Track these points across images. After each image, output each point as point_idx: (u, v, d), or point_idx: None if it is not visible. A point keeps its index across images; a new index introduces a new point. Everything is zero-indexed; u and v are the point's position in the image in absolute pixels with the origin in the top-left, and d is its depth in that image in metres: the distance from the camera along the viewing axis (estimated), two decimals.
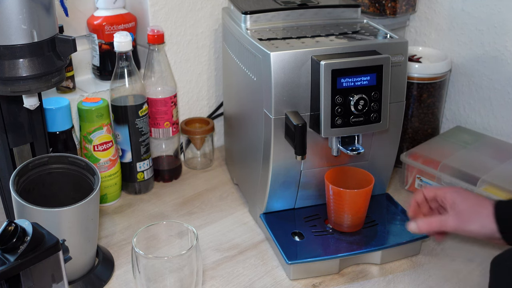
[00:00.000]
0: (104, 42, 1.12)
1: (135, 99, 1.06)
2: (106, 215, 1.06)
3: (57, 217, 0.78)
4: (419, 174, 1.11)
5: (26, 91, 0.76)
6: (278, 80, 0.86)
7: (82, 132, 1.05)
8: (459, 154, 1.11)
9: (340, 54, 0.86)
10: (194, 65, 1.23)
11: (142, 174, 1.12)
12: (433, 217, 0.84)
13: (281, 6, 1.00)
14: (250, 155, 1.01)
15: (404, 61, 0.91)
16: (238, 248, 0.97)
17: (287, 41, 0.91)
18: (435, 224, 0.83)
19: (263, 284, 0.88)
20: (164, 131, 1.15)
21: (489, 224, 0.79)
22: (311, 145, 0.92)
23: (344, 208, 0.92)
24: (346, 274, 0.91)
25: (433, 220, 0.83)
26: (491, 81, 1.20)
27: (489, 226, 0.79)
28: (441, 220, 0.82)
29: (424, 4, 1.28)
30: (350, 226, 0.94)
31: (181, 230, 0.79)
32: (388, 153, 1.00)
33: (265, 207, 0.99)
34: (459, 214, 0.81)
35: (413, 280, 0.89)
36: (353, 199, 0.91)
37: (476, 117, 1.25)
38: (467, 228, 0.81)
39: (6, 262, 0.64)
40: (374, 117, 0.86)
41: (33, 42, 0.74)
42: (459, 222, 0.81)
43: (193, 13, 1.19)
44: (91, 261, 0.88)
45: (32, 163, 0.84)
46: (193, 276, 0.75)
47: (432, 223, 0.83)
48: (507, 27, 1.15)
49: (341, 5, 1.02)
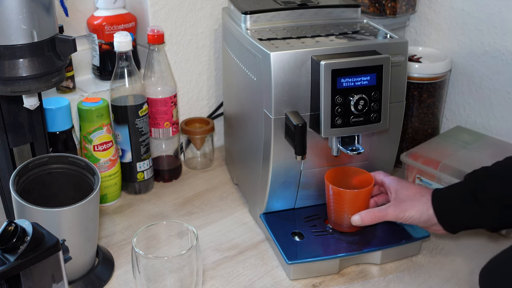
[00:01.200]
0: (104, 42, 1.12)
1: (135, 99, 1.06)
2: (106, 215, 1.06)
3: (57, 217, 0.78)
4: (419, 174, 1.11)
5: (26, 91, 0.76)
6: (278, 80, 0.86)
7: (82, 132, 1.05)
8: (459, 154, 1.11)
9: (340, 54, 0.86)
10: (194, 65, 1.23)
11: (142, 174, 1.12)
12: (375, 209, 0.89)
13: (281, 6, 1.00)
14: (250, 155, 1.01)
15: (404, 61, 0.91)
16: (238, 248, 0.97)
17: (287, 41, 0.91)
18: (377, 215, 0.88)
19: (263, 284, 0.88)
20: (164, 131, 1.15)
21: (426, 211, 0.85)
22: (311, 145, 0.92)
23: (344, 208, 0.92)
24: (346, 274, 0.91)
25: (375, 211, 0.89)
26: (491, 81, 1.20)
27: (426, 213, 0.85)
28: (382, 210, 0.88)
29: (424, 4, 1.28)
30: (350, 226, 0.94)
31: (181, 230, 0.79)
32: (388, 153, 1.00)
33: (265, 207, 0.99)
34: (399, 203, 0.88)
35: (413, 280, 0.89)
36: (353, 199, 0.91)
37: (476, 117, 1.25)
38: (406, 215, 0.86)
39: (6, 262, 0.64)
40: (374, 117, 0.86)
41: (33, 42, 0.74)
42: (399, 210, 0.87)
43: (193, 13, 1.19)
44: (91, 261, 0.88)
45: (32, 163, 0.84)
46: (193, 276, 0.75)
47: (375, 214, 0.88)
48: (507, 27, 1.15)
49: (341, 5, 1.02)
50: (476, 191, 0.83)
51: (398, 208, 0.87)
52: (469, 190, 0.84)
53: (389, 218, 0.88)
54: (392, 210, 0.87)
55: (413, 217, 0.86)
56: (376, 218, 0.88)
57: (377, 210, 0.89)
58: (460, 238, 0.98)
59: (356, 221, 0.89)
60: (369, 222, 0.89)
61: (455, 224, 0.85)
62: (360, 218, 0.89)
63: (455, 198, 0.85)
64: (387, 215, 0.88)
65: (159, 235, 0.80)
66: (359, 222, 0.89)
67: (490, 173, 0.84)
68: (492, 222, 0.84)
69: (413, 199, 0.87)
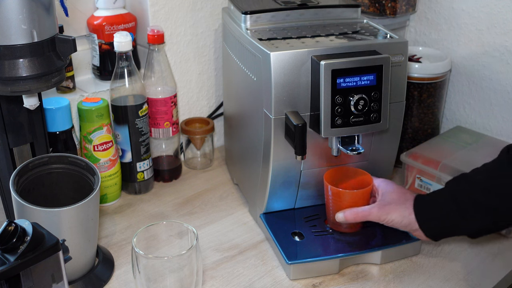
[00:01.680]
0: (104, 42, 1.12)
1: (135, 99, 1.06)
2: (106, 215, 1.06)
3: (57, 217, 0.78)
4: (419, 174, 1.11)
5: (26, 91, 0.76)
6: (278, 80, 0.86)
7: (82, 132, 1.05)
8: (459, 154, 1.11)
9: (340, 54, 0.86)
10: (194, 65, 1.23)
11: (142, 174, 1.12)
12: (359, 208, 0.90)
13: (281, 6, 1.00)
14: (250, 155, 1.01)
15: (404, 61, 0.91)
16: (238, 248, 0.97)
17: (287, 41, 0.91)
18: (361, 214, 0.89)
19: (263, 284, 0.88)
20: (164, 131, 1.15)
21: (408, 215, 0.86)
22: (311, 145, 0.92)
23: (342, 208, 0.92)
24: (346, 274, 0.91)
25: (359, 210, 0.89)
26: (491, 81, 1.20)
27: (408, 217, 0.86)
28: (365, 210, 0.89)
29: (424, 4, 1.28)
30: (349, 226, 0.94)
31: (181, 230, 0.79)
32: (388, 153, 1.00)
33: (265, 207, 0.99)
34: (383, 205, 0.88)
35: (413, 280, 0.89)
36: (352, 199, 0.91)
37: (476, 117, 1.25)
38: (388, 218, 0.87)
39: (6, 262, 0.64)
40: (374, 117, 0.86)
41: (33, 42, 0.74)
42: (382, 212, 0.88)
43: (193, 13, 1.19)
44: (91, 261, 0.88)
45: (32, 163, 0.84)
46: (193, 276, 0.75)
47: (358, 213, 0.89)
48: (507, 27, 1.15)
49: (341, 5, 1.02)
50: (457, 198, 0.83)
51: (381, 210, 0.88)
52: (450, 197, 0.84)
53: (371, 219, 0.89)
54: (376, 211, 0.88)
55: (394, 220, 0.87)
56: (359, 217, 0.89)
57: (361, 209, 0.89)
58: (460, 238, 0.98)
59: (340, 218, 0.91)
60: (352, 220, 0.90)
61: (436, 230, 0.86)
62: (344, 216, 0.90)
63: (436, 204, 0.85)
64: (370, 215, 0.89)
65: (159, 235, 0.80)
66: (343, 219, 0.90)
67: (470, 180, 0.85)
68: (473, 229, 0.84)
69: (397, 202, 0.88)
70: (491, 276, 0.90)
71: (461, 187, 0.84)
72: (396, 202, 0.88)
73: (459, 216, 0.83)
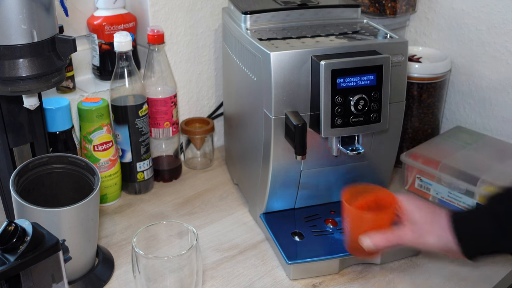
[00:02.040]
0: (104, 42, 1.12)
1: (135, 99, 1.06)
2: (106, 215, 1.06)
3: (57, 217, 0.78)
4: (419, 174, 1.11)
5: (26, 91, 0.76)
6: (278, 80, 0.86)
7: (82, 132, 1.05)
8: (459, 154, 1.11)
9: (340, 54, 0.86)
10: (194, 65, 1.23)
11: (142, 174, 1.12)
12: (390, 232, 0.80)
13: (281, 6, 1.00)
14: (250, 155, 1.01)
15: (404, 61, 0.91)
16: (238, 248, 0.97)
17: (287, 41, 0.91)
18: (392, 239, 0.79)
19: (263, 284, 0.88)
20: (164, 131, 1.15)
21: (444, 235, 0.77)
22: (311, 145, 0.91)
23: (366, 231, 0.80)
24: (346, 274, 0.91)
25: (390, 235, 0.79)
26: (491, 81, 1.20)
27: (444, 237, 0.77)
28: (398, 234, 0.79)
29: (424, 4, 1.28)
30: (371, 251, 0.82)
31: (181, 230, 0.79)
32: (388, 153, 1.00)
33: (265, 207, 0.99)
34: (415, 226, 0.79)
35: (413, 280, 0.89)
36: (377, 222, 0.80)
37: (476, 117, 1.25)
38: (424, 241, 0.78)
39: (6, 262, 0.64)
40: (374, 117, 0.86)
41: (33, 42, 0.74)
42: (416, 235, 0.78)
43: (193, 13, 1.19)
44: (91, 261, 0.88)
45: (32, 163, 0.84)
46: (193, 276, 0.75)
47: (389, 238, 0.79)
48: (507, 27, 1.15)
49: (341, 5, 1.02)
50: (499, 214, 0.75)
51: (415, 233, 0.78)
52: (491, 213, 0.76)
53: (406, 243, 0.79)
54: (410, 234, 0.78)
55: (430, 242, 0.78)
56: (390, 242, 0.79)
57: (393, 234, 0.79)
58: None
59: (368, 244, 0.79)
60: (382, 246, 0.79)
61: (476, 249, 0.77)
62: (372, 242, 0.79)
63: (476, 221, 0.77)
64: (404, 240, 0.79)
65: (159, 235, 0.80)
66: (372, 246, 0.79)
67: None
68: None
69: (429, 221, 0.78)
70: (491, 276, 0.90)
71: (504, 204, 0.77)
72: (428, 221, 0.78)
73: (501, 233, 0.74)
